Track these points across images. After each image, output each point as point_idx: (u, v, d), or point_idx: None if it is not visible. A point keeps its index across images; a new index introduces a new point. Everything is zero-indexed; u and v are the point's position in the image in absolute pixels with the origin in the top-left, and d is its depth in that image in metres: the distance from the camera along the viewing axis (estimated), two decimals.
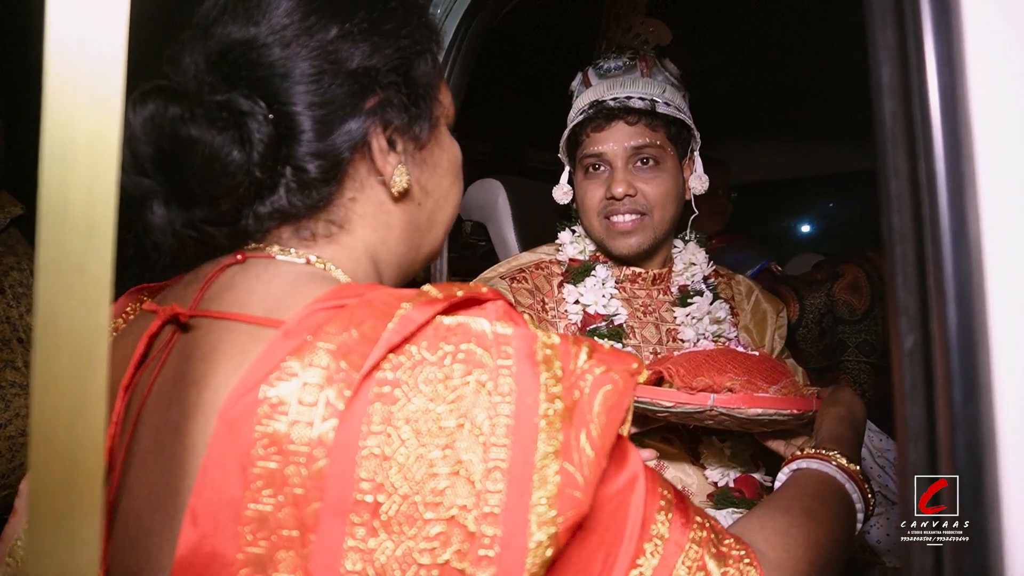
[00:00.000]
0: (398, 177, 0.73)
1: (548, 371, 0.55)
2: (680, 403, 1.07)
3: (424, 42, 0.76)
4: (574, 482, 0.53)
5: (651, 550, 0.60)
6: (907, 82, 0.47)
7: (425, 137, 0.76)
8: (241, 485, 0.52)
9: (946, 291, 0.45)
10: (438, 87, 0.79)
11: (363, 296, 0.59)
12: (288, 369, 0.54)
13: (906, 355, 0.47)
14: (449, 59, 1.53)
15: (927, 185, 0.46)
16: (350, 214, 0.73)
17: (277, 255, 0.70)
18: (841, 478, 0.90)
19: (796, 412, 1.07)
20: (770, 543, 0.71)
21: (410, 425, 0.52)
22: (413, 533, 0.51)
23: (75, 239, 0.41)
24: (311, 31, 0.68)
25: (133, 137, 0.65)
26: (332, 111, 0.68)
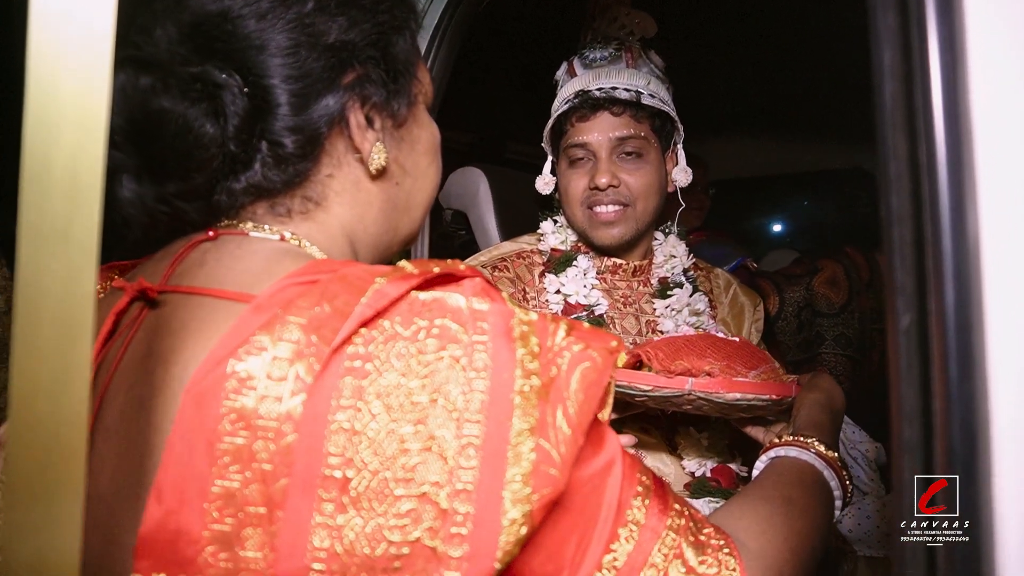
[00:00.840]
0: (376, 154, 0.72)
1: (525, 347, 0.54)
2: (658, 387, 1.06)
3: (402, 18, 0.75)
4: (550, 459, 0.53)
5: (626, 535, 0.59)
6: (908, 64, 0.47)
7: (403, 114, 0.76)
8: (208, 461, 0.51)
9: (944, 271, 0.45)
10: (416, 64, 0.78)
11: (337, 271, 0.58)
12: (258, 343, 0.53)
13: (902, 334, 0.47)
14: (433, 47, 1.52)
15: (927, 167, 0.46)
16: (327, 191, 0.72)
17: (251, 232, 0.69)
18: (820, 465, 0.90)
19: (775, 398, 1.06)
20: (750, 533, 0.70)
21: (381, 400, 0.52)
22: (383, 510, 0.51)
23: (59, 203, 0.39)
24: (287, 3, 0.66)
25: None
26: (309, 85, 0.67)
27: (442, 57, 1.51)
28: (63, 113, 0.39)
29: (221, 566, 0.51)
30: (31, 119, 0.38)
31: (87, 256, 0.39)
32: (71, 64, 0.39)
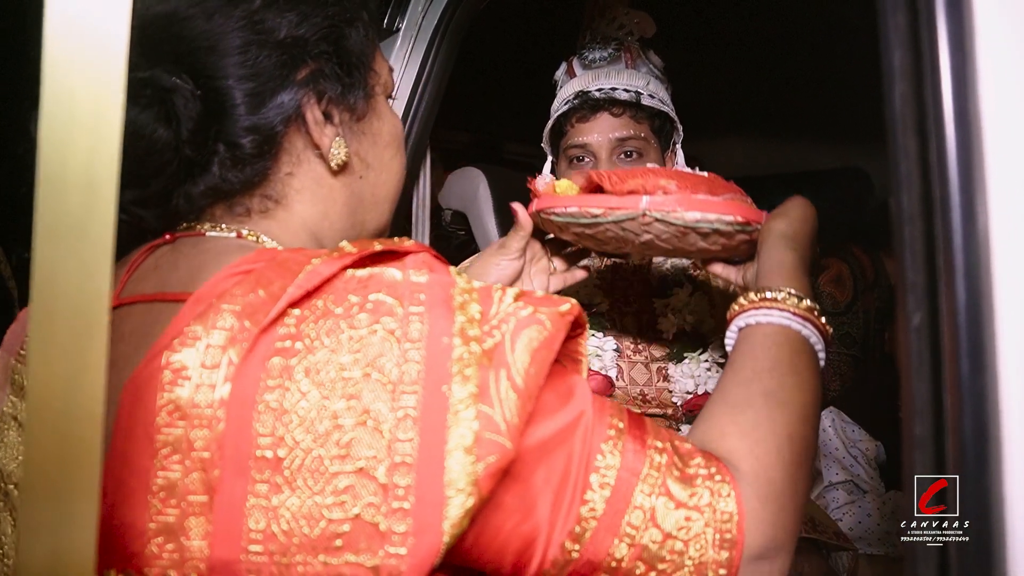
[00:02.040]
0: (336, 149, 0.72)
1: (464, 315, 0.54)
2: (610, 209, 0.94)
3: (353, 11, 0.75)
4: (494, 426, 0.51)
5: (599, 483, 0.57)
6: (918, 64, 0.48)
7: (361, 108, 0.75)
8: (148, 453, 0.51)
9: (955, 269, 0.45)
10: (372, 56, 0.78)
11: (275, 258, 0.58)
12: (192, 333, 0.53)
13: (913, 331, 0.47)
14: (432, 49, 1.52)
15: (937, 166, 0.47)
16: (287, 189, 0.72)
17: (207, 232, 0.69)
18: (796, 325, 0.77)
19: (740, 220, 0.93)
20: (736, 453, 0.64)
21: (310, 377, 0.51)
22: (319, 488, 0.50)
23: (75, 202, 0.40)
24: (235, 2, 0.66)
25: None
26: (263, 83, 0.67)
27: (441, 58, 1.51)
28: (78, 113, 0.39)
29: (167, 558, 0.51)
30: (46, 119, 0.38)
31: (102, 255, 0.39)
32: (86, 65, 0.39)
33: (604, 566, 0.57)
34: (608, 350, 1.45)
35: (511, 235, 1.08)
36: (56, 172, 0.39)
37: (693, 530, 0.57)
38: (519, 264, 1.09)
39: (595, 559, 0.56)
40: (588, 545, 0.56)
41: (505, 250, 1.08)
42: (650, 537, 0.56)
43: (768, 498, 0.61)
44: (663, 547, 0.57)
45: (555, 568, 0.57)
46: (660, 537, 0.57)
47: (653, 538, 0.56)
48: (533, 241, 1.10)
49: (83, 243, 0.39)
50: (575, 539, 0.56)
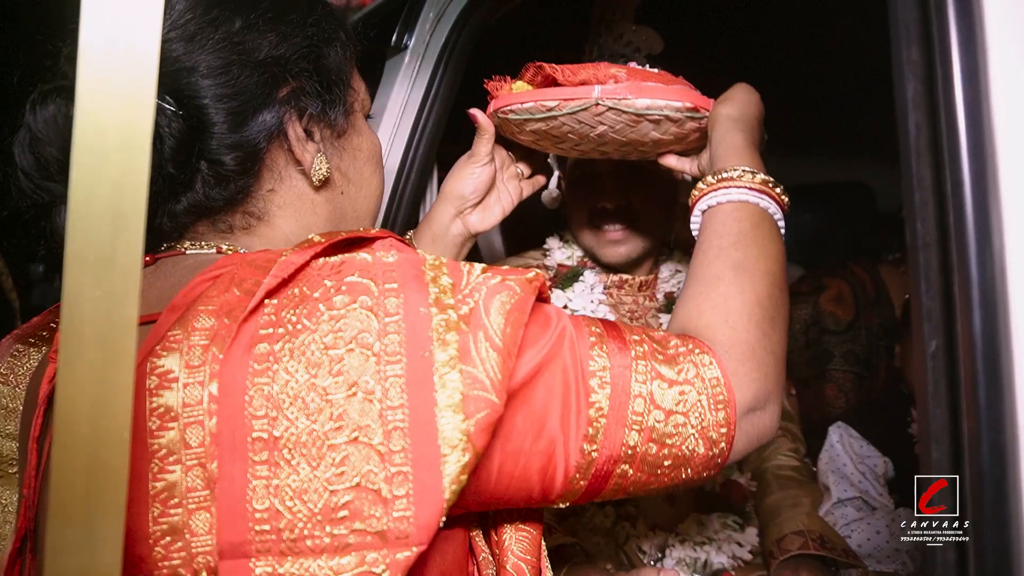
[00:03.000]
0: (317, 165, 0.74)
1: (437, 286, 0.56)
2: (565, 100, 0.96)
3: (330, 31, 0.77)
4: (479, 384, 0.54)
5: (598, 384, 0.61)
6: (932, 96, 0.48)
7: (341, 124, 0.77)
8: (144, 458, 0.52)
9: (971, 296, 0.46)
10: (350, 74, 0.80)
11: (244, 259, 0.59)
12: (173, 338, 0.54)
13: (929, 358, 0.48)
14: (439, 67, 1.53)
15: (952, 195, 0.47)
16: (269, 205, 0.74)
17: (188, 250, 0.70)
18: (753, 199, 0.82)
19: (689, 107, 0.95)
20: (713, 327, 0.70)
21: (296, 358, 0.52)
22: (318, 461, 0.51)
23: (103, 231, 0.40)
24: (215, 23, 0.68)
25: (35, 140, 0.66)
26: (244, 102, 0.68)
27: (449, 76, 1.53)
28: (108, 144, 0.40)
29: (176, 557, 0.52)
30: (78, 151, 0.39)
31: (130, 283, 0.40)
32: (117, 98, 0.40)
33: (622, 456, 0.62)
34: None
35: (476, 140, 1.12)
36: (86, 202, 0.40)
37: (689, 401, 0.63)
38: (491, 170, 1.13)
39: (613, 453, 0.61)
40: (603, 442, 0.61)
41: (475, 157, 1.12)
42: (654, 418, 0.62)
43: (746, 357, 0.68)
44: (667, 423, 0.62)
45: (580, 473, 0.61)
46: (663, 416, 0.62)
47: (657, 418, 0.62)
48: (499, 148, 1.15)
49: (111, 271, 0.40)
50: (591, 440, 0.60)
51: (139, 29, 0.40)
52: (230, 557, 0.51)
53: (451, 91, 1.54)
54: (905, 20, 0.50)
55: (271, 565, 0.51)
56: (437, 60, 1.53)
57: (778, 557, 1.31)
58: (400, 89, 1.55)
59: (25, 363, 0.81)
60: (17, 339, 0.81)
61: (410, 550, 0.52)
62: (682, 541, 1.34)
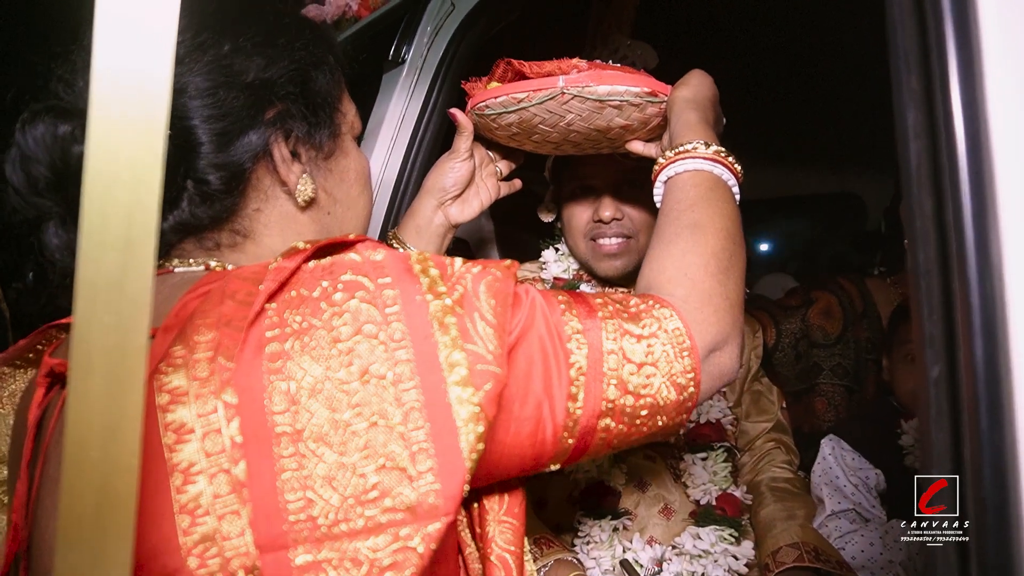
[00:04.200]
0: (302, 186, 0.76)
1: (427, 276, 0.59)
2: (533, 91, 1.05)
3: (320, 54, 0.79)
4: (482, 358, 0.57)
5: (576, 346, 0.66)
6: (932, 125, 0.49)
7: (328, 146, 0.79)
8: (163, 473, 0.53)
9: (972, 323, 0.47)
10: (339, 97, 0.82)
11: (228, 274, 0.60)
12: (176, 354, 0.55)
13: (932, 384, 0.49)
14: (437, 80, 1.54)
15: (953, 222, 0.48)
16: (255, 224, 0.75)
17: (176, 268, 0.71)
18: (707, 166, 0.89)
19: (648, 91, 1.04)
20: (673, 281, 0.77)
21: (308, 353, 0.54)
22: (342, 449, 0.53)
23: (114, 258, 0.41)
24: (203, 47, 0.70)
25: (26, 158, 0.67)
26: (230, 123, 0.70)
27: (447, 89, 1.53)
28: (119, 172, 0.40)
29: (212, 564, 0.52)
30: (90, 179, 0.39)
31: (140, 312, 0.40)
32: (129, 125, 0.40)
33: (603, 411, 0.66)
34: None
35: (456, 137, 1.19)
36: (97, 230, 0.40)
37: (656, 353, 0.69)
38: (470, 165, 1.20)
39: (595, 408, 0.66)
40: (585, 399, 0.65)
41: (455, 153, 1.19)
42: (628, 371, 0.67)
43: (703, 303, 0.74)
44: (640, 374, 0.67)
45: (567, 431, 0.65)
46: (635, 368, 0.67)
47: (630, 371, 0.67)
48: (478, 146, 1.23)
49: (121, 299, 0.40)
50: (574, 398, 0.65)
51: (151, 60, 0.40)
52: (269, 551, 0.52)
53: (448, 104, 1.55)
54: (905, 49, 0.51)
55: (310, 552, 0.52)
56: (435, 73, 1.54)
57: (773, 570, 1.32)
58: (398, 101, 1.56)
59: (11, 385, 0.81)
60: (3, 362, 0.81)
61: (439, 520, 0.53)
62: (679, 554, 1.34)
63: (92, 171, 0.39)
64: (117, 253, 0.40)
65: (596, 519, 1.38)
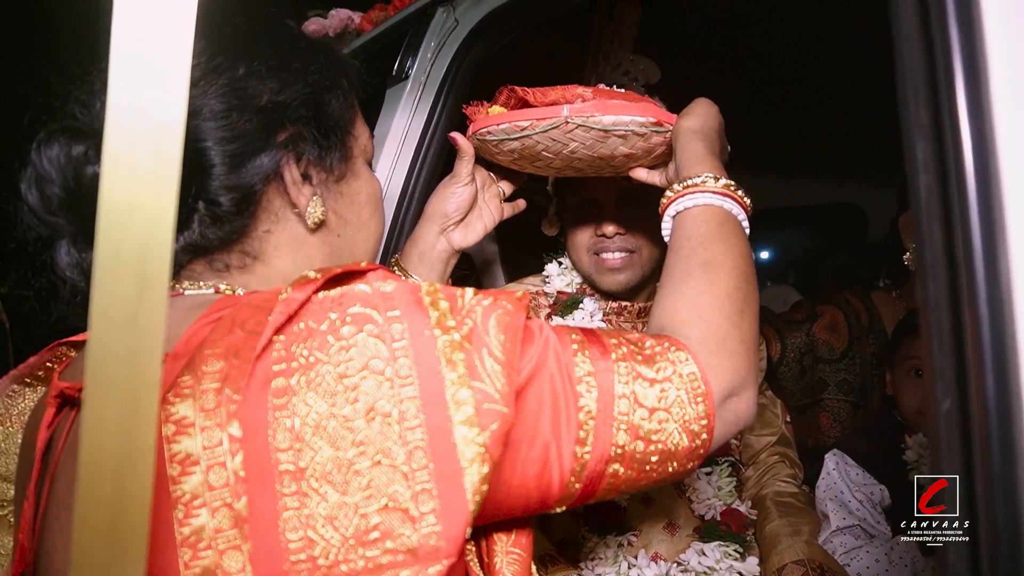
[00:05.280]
0: (312, 208, 0.76)
1: (437, 310, 0.58)
2: (537, 120, 1.03)
3: (333, 78, 0.80)
4: (489, 397, 0.56)
5: (585, 389, 0.64)
6: (942, 158, 0.50)
7: (340, 169, 0.80)
8: (167, 505, 0.53)
9: (984, 357, 0.47)
10: (352, 121, 0.83)
11: (240, 301, 0.60)
12: (184, 384, 0.55)
13: (943, 418, 0.49)
14: (441, 96, 1.55)
15: (963, 255, 0.48)
16: (265, 246, 0.75)
17: (186, 290, 0.71)
18: (717, 201, 0.87)
19: (653, 121, 1.01)
20: (687, 322, 0.74)
21: (313, 390, 0.54)
22: (344, 487, 0.53)
23: (129, 289, 0.41)
24: (218, 70, 0.70)
25: (40, 178, 0.68)
26: (243, 145, 0.70)
27: (450, 104, 1.54)
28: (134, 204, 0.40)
29: None
30: (104, 211, 0.39)
31: (153, 342, 0.40)
32: (142, 158, 0.40)
33: (613, 456, 0.64)
34: None
35: (457, 162, 1.18)
36: (111, 261, 0.40)
37: (670, 398, 0.66)
38: (472, 189, 1.19)
39: (604, 453, 0.64)
40: (594, 443, 0.63)
41: (456, 177, 1.18)
42: (639, 416, 0.65)
43: (719, 348, 0.71)
44: (652, 420, 0.65)
45: (575, 476, 0.63)
46: (647, 413, 0.65)
47: (642, 416, 0.65)
48: (479, 168, 1.21)
49: (135, 330, 0.41)
50: (582, 443, 0.63)
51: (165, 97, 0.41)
52: None
53: (452, 119, 1.55)
54: (914, 83, 0.51)
55: None
56: (438, 89, 1.54)
57: None
58: (402, 117, 1.56)
59: (20, 404, 0.81)
60: (13, 379, 0.81)
61: (441, 563, 0.53)
62: (684, 571, 1.34)
63: (106, 204, 0.39)
64: (131, 285, 0.41)
65: (601, 535, 1.37)
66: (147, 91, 0.41)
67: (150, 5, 0.40)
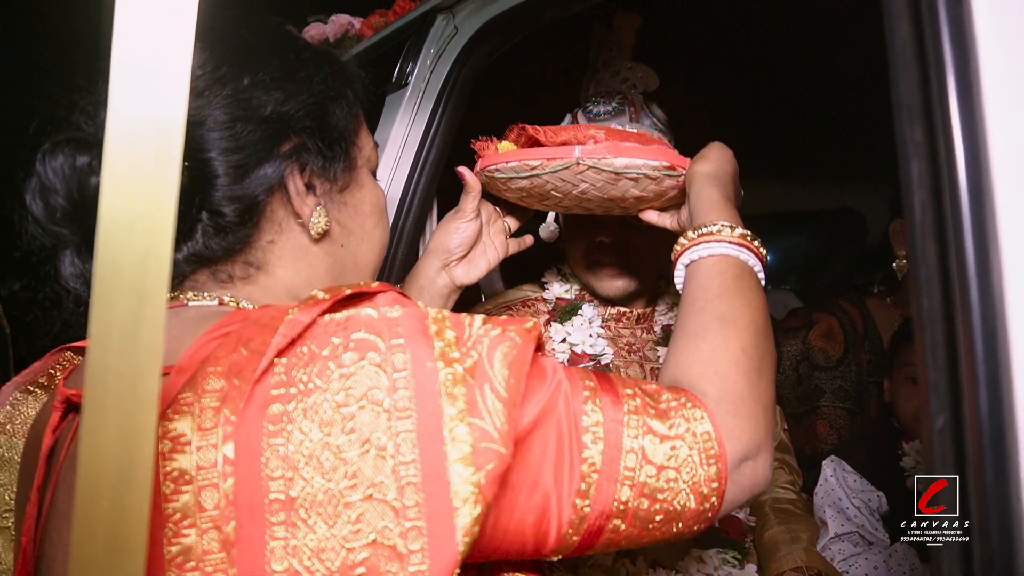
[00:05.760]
0: (316, 218, 0.76)
1: (442, 340, 0.57)
2: (548, 160, 1.01)
3: (339, 88, 0.79)
4: (487, 435, 0.54)
5: (591, 440, 0.62)
6: (936, 176, 0.50)
7: (343, 179, 0.79)
8: (158, 523, 0.52)
9: (977, 373, 0.47)
10: (356, 131, 0.83)
11: (249, 317, 0.60)
12: (184, 400, 0.54)
13: (937, 433, 0.49)
14: (440, 103, 1.55)
15: (957, 271, 0.49)
16: (268, 256, 0.75)
17: (190, 301, 0.71)
18: (733, 252, 0.85)
19: (666, 165, 1.00)
20: (703, 378, 0.71)
21: (309, 418, 0.53)
22: (334, 520, 0.52)
23: (127, 306, 0.41)
24: (223, 80, 0.70)
25: (44, 188, 0.68)
26: (247, 156, 0.70)
27: (450, 112, 1.54)
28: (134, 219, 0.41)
29: None
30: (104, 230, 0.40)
31: (152, 359, 0.41)
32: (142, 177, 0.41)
33: (614, 512, 0.62)
34: None
35: (463, 197, 1.16)
36: (111, 279, 0.40)
37: (680, 456, 0.64)
38: (476, 225, 1.17)
39: (605, 508, 0.62)
40: (596, 497, 0.61)
41: (461, 213, 1.16)
42: (646, 473, 0.62)
43: (736, 408, 0.69)
44: (659, 478, 0.63)
45: (572, 528, 0.61)
46: (654, 471, 0.63)
47: (649, 473, 0.63)
48: (485, 203, 1.19)
49: (134, 347, 0.41)
50: (583, 495, 0.61)
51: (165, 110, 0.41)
52: None
53: (451, 127, 1.56)
54: (908, 103, 0.52)
55: None
56: (438, 96, 1.55)
57: None
58: (401, 124, 1.57)
59: (23, 411, 0.81)
60: (16, 387, 0.81)
61: None
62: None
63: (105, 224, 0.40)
64: (130, 302, 0.41)
65: None
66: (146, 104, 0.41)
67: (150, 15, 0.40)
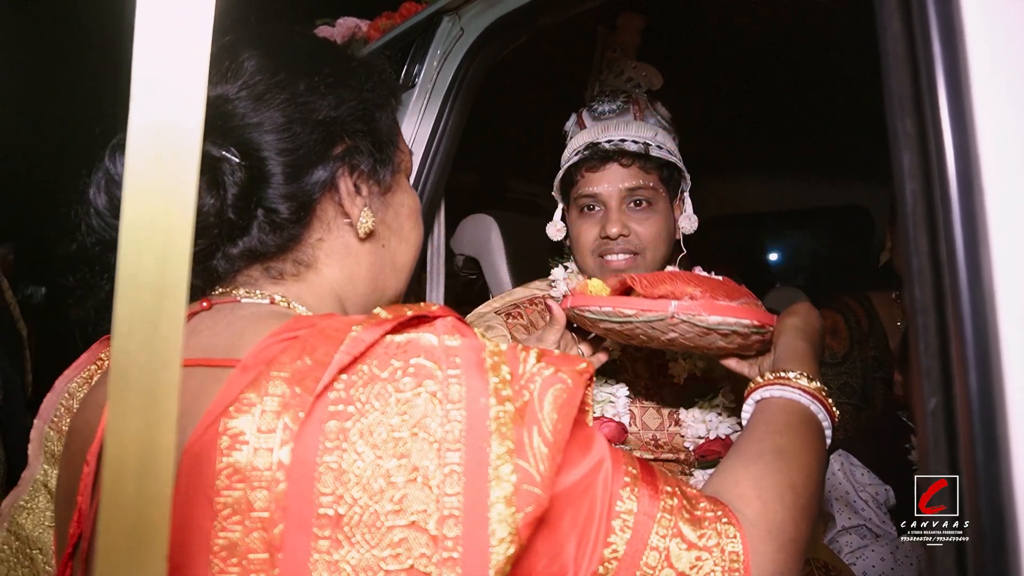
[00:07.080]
0: (364, 219, 0.79)
1: (497, 376, 0.57)
2: (642, 311, 1.06)
3: (384, 96, 0.83)
4: (530, 478, 0.55)
5: (620, 526, 0.61)
6: (927, 167, 0.52)
7: (388, 182, 0.83)
8: (209, 515, 0.54)
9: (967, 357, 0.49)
10: (398, 137, 0.86)
11: (315, 325, 0.61)
12: (246, 400, 0.56)
13: (929, 416, 0.50)
14: (447, 103, 1.57)
15: (947, 260, 0.50)
16: (317, 253, 0.78)
17: (242, 298, 0.74)
18: (805, 400, 0.88)
19: (755, 324, 1.05)
20: (745, 499, 0.71)
21: (364, 439, 0.54)
22: (376, 541, 0.53)
23: (149, 299, 0.43)
24: (281, 85, 0.74)
25: (111, 181, 0.71)
26: (302, 156, 0.74)
27: (457, 111, 1.56)
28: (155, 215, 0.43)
29: None
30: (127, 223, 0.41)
31: (173, 350, 0.43)
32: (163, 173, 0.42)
33: None
34: (620, 396, 1.47)
35: (547, 329, 1.21)
36: (132, 272, 0.42)
37: (704, 569, 0.62)
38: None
39: None
40: None
41: (541, 343, 1.20)
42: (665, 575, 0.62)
43: (771, 537, 0.67)
44: None
45: None
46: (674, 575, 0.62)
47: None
48: (565, 331, 1.22)
49: (155, 338, 0.43)
50: None
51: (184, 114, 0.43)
52: None
53: (459, 126, 1.57)
54: (899, 95, 0.53)
55: None
56: (445, 96, 1.57)
57: None
58: (409, 124, 1.59)
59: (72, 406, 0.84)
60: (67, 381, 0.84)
61: None
62: None
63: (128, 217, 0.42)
64: (151, 295, 0.43)
65: None
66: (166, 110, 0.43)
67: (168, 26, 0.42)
